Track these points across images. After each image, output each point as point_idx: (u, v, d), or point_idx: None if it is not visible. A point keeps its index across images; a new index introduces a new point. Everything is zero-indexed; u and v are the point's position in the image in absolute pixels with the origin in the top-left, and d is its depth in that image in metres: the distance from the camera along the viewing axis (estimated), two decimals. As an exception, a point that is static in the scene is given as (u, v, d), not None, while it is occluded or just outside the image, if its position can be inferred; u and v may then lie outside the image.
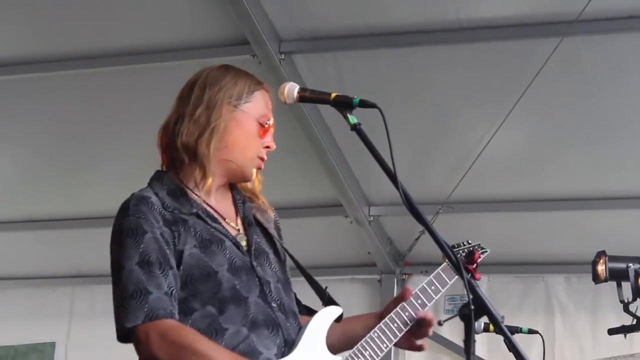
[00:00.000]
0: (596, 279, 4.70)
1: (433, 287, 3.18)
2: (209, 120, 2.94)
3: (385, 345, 3.02)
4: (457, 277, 3.19)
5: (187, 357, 2.71)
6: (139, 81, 5.86)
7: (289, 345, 2.90)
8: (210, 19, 5.51)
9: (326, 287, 3.12)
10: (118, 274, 2.82)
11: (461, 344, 2.67)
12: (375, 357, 3.00)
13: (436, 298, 3.17)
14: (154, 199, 2.89)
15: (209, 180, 2.94)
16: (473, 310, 2.60)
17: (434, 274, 3.21)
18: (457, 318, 2.68)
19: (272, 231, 3.11)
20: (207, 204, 2.97)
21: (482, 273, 7.42)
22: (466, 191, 6.39)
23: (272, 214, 3.16)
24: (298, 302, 3.13)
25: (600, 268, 4.68)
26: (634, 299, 4.62)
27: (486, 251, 3.46)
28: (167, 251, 2.82)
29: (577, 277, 6.91)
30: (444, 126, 6.17)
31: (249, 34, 5.43)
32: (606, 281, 4.69)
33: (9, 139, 6.64)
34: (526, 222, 6.78)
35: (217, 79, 3.01)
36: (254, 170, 3.03)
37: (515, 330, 5.28)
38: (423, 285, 3.13)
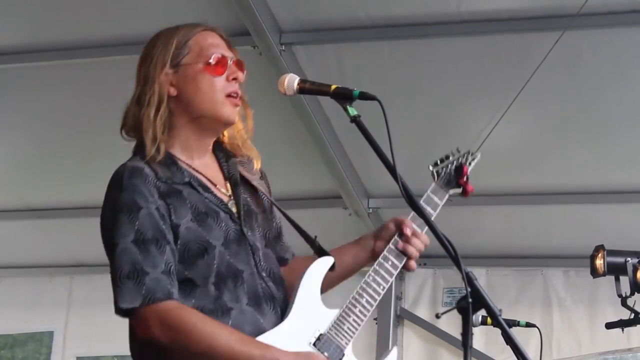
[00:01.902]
0: (594, 273, 4.71)
1: (426, 212, 3.11)
2: (146, 94, 2.90)
3: (381, 287, 3.02)
4: (447, 195, 3.18)
5: (188, 340, 2.65)
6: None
7: (284, 316, 2.88)
8: (211, 9, 5.50)
9: (315, 237, 3.13)
10: (112, 251, 2.75)
11: (459, 336, 2.67)
12: (372, 301, 3.00)
13: (432, 218, 3.05)
14: (147, 169, 2.82)
15: (158, 147, 2.85)
16: (471, 303, 2.60)
17: (423, 197, 3.11)
18: (455, 311, 2.69)
19: (257, 184, 3.05)
20: (197, 171, 2.91)
21: (481, 266, 7.48)
22: (465, 184, 6.38)
23: (257, 165, 3.08)
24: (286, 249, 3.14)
25: (599, 262, 4.68)
26: (632, 293, 4.63)
27: (475, 157, 3.37)
28: (164, 226, 2.75)
29: (576, 271, 6.91)
30: (443, 119, 6.16)
31: (250, 25, 5.42)
32: (604, 275, 4.70)
33: (8, 128, 6.64)
34: (525, 215, 6.78)
35: (149, 51, 2.97)
36: (230, 110, 2.93)
37: (513, 323, 5.28)
38: (413, 213, 3.04)
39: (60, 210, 7.30)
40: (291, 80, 2.91)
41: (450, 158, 3.29)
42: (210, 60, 2.92)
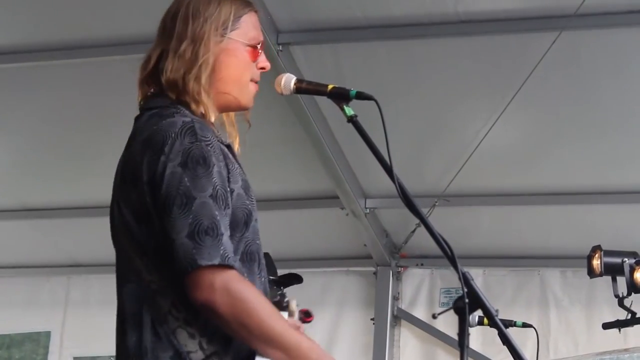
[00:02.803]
0: (591, 273, 4.72)
1: None
2: (197, 55, 2.78)
3: None
4: None
5: (248, 317, 2.53)
6: (135, 70, 5.85)
7: None
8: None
9: (282, 288, 3.01)
10: (186, 203, 2.55)
11: (456, 337, 2.67)
12: None
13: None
14: (210, 127, 2.73)
15: (211, 115, 2.77)
16: (467, 304, 2.60)
17: None
18: (452, 311, 2.68)
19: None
20: None
21: (478, 266, 7.50)
22: (463, 184, 6.39)
23: (236, 146, 2.95)
24: None
25: (596, 262, 4.69)
26: (629, 294, 4.64)
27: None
28: (227, 190, 2.64)
29: (573, 271, 6.91)
30: (441, 119, 6.17)
31: (247, 25, 5.41)
32: (601, 276, 4.70)
33: (5, 128, 6.64)
34: (522, 215, 6.78)
35: (200, 9, 2.84)
36: (251, 97, 2.89)
37: (510, 324, 5.28)
38: None
39: (58, 210, 7.29)
40: (288, 80, 2.91)
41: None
42: (257, 45, 2.90)
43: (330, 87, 2.85)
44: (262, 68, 2.92)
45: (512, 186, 6.59)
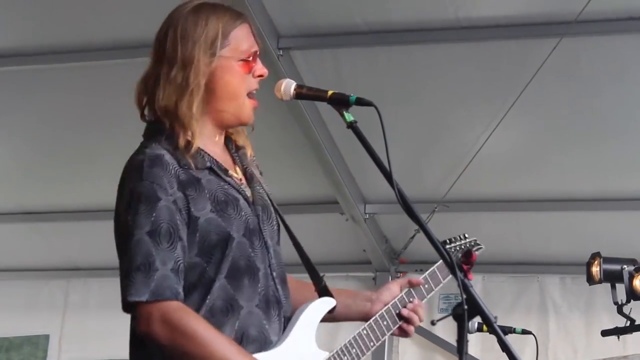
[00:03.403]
0: (590, 280, 4.71)
1: (427, 286, 3.19)
2: (187, 81, 2.80)
3: (372, 343, 3.02)
4: (450, 276, 3.19)
5: (186, 343, 2.62)
6: (137, 74, 5.84)
7: (286, 322, 2.88)
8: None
9: (323, 275, 3.09)
10: (126, 241, 2.69)
11: (455, 343, 2.67)
12: (361, 354, 2.98)
13: (428, 297, 3.18)
14: (167, 156, 2.76)
15: (196, 142, 2.79)
16: (466, 310, 2.60)
17: (429, 271, 3.21)
18: (451, 317, 2.68)
19: (265, 185, 3.02)
20: (213, 156, 2.87)
21: (477, 272, 7.48)
22: (462, 190, 6.39)
23: (249, 152, 3.02)
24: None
25: (595, 269, 4.69)
26: (628, 301, 4.64)
27: (481, 247, 3.43)
28: (179, 221, 2.70)
29: (572, 278, 6.90)
30: (440, 125, 6.17)
31: (248, 29, 5.42)
32: (600, 282, 4.70)
33: (6, 131, 6.64)
34: (522, 222, 6.78)
35: (188, 30, 2.85)
36: (250, 112, 2.91)
37: (509, 330, 5.28)
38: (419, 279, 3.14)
39: (57, 213, 7.29)
40: (288, 86, 2.91)
41: (459, 242, 3.38)
42: (248, 58, 2.89)
43: (330, 93, 2.85)
44: (260, 76, 2.93)
45: (512, 192, 6.59)
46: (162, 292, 2.64)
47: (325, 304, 2.99)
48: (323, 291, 3.03)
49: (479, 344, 6.35)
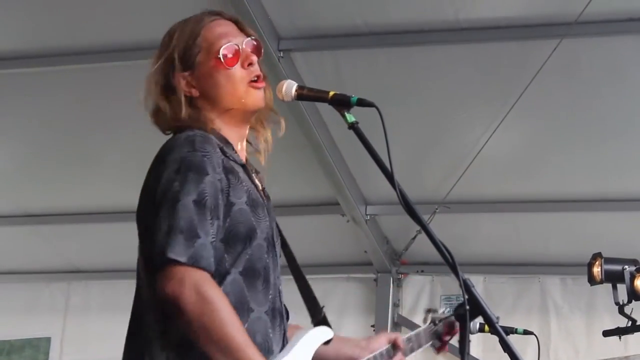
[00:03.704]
0: (592, 280, 4.71)
1: (411, 345, 3.19)
2: (180, 100, 2.85)
3: None
4: (430, 344, 3.26)
5: (213, 319, 2.55)
6: (138, 77, 5.84)
7: (285, 337, 2.85)
8: (209, 16, 5.51)
9: (323, 307, 3.06)
10: (171, 203, 2.63)
11: (456, 344, 2.67)
12: None
13: (411, 355, 3.18)
14: (214, 141, 2.77)
15: (222, 130, 2.86)
16: (468, 311, 2.60)
17: (415, 332, 3.24)
18: (453, 318, 2.68)
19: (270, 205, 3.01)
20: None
21: (478, 273, 7.49)
22: (463, 191, 6.39)
23: (262, 160, 3.06)
24: None
25: (596, 270, 4.69)
26: (629, 301, 4.64)
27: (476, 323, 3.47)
28: (220, 200, 2.69)
29: (573, 279, 6.91)
30: (441, 126, 6.17)
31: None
32: (602, 283, 4.70)
33: (6, 133, 6.64)
34: (522, 223, 6.78)
35: (163, 52, 2.92)
36: (255, 96, 2.91)
37: (510, 331, 5.27)
38: (404, 339, 3.16)
39: (58, 216, 7.29)
40: (289, 87, 2.91)
41: (446, 311, 3.36)
42: (219, 55, 2.88)
43: (331, 94, 2.85)
44: (250, 64, 2.92)
45: (513, 193, 6.59)
46: (200, 259, 2.58)
47: (324, 333, 2.94)
48: (322, 322, 3.00)
49: (481, 344, 6.35)
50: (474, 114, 6.02)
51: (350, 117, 2.80)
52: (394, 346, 3.13)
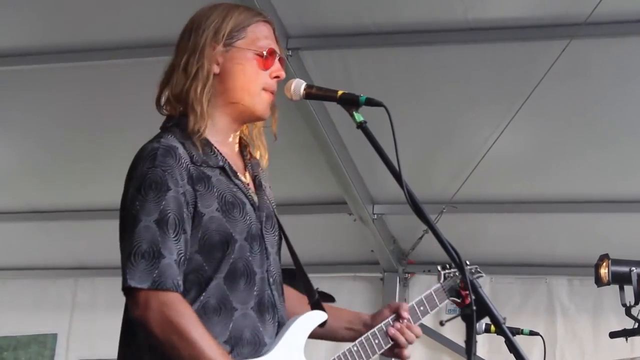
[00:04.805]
0: (599, 282, 4.70)
1: (422, 308, 3.20)
2: (195, 64, 2.86)
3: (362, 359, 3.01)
4: (447, 300, 3.23)
5: (178, 339, 2.61)
6: (144, 74, 5.83)
7: (280, 327, 2.87)
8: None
9: (317, 288, 3.08)
10: (132, 225, 2.69)
11: (462, 344, 2.67)
12: None
13: (422, 319, 3.17)
14: (181, 150, 2.77)
15: (204, 123, 2.82)
16: (475, 311, 2.60)
17: (425, 293, 3.22)
18: (459, 318, 2.68)
19: (271, 195, 3.04)
20: (226, 157, 2.89)
21: (485, 274, 7.48)
22: (470, 191, 6.39)
23: (265, 163, 3.06)
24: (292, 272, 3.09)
25: (603, 271, 4.68)
26: (636, 303, 4.62)
27: (482, 275, 3.44)
28: (185, 214, 2.71)
29: (580, 280, 6.90)
30: (449, 126, 6.17)
31: (257, 30, 5.42)
32: (609, 284, 4.69)
33: (13, 130, 6.65)
34: (530, 223, 6.77)
35: (201, 21, 2.92)
36: (265, 105, 2.93)
37: (517, 331, 5.27)
38: (413, 304, 3.15)
39: (65, 212, 7.30)
40: (298, 86, 2.91)
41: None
42: (264, 53, 2.92)
43: (340, 93, 2.86)
44: (277, 77, 2.95)
45: (520, 194, 6.58)
46: (164, 281, 2.64)
47: (316, 317, 2.96)
48: (315, 305, 3.01)
49: (487, 345, 6.34)
50: (482, 114, 6.02)
51: (359, 117, 2.80)
52: (398, 317, 3.11)
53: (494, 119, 5.94)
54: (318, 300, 3.03)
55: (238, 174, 2.90)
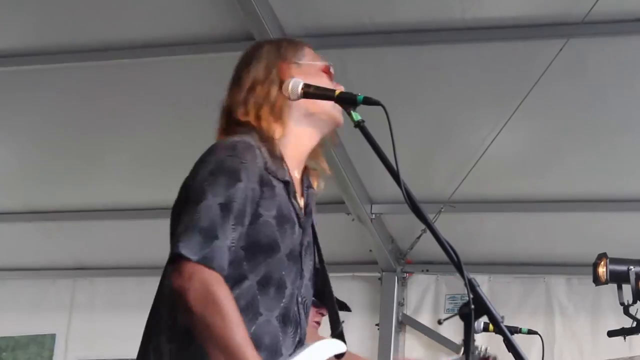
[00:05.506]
0: (597, 281, 4.70)
1: None
2: (267, 80, 2.94)
3: None
4: None
5: (212, 315, 2.57)
6: (142, 75, 5.86)
7: (300, 344, 2.88)
8: (216, 14, 5.51)
9: (343, 321, 3.09)
10: (198, 199, 2.68)
11: (461, 343, 2.67)
12: None
13: None
14: (258, 152, 2.81)
15: (282, 133, 2.92)
16: (473, 310, 2.60)
17: None
18: (457, 317, 2.68)
19: (315, 222, 3.10)
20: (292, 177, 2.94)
21: (483, 273, 7.49)
22: (468, 191, 6.39)
23: (317, 187, 3.14)
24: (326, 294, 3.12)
25: (601, 270, 4.67)
26: (634, 302, 4.62)
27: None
28: (248, 209, 2.73)
29: (578, 279, 6.91)
30: (447, 125, 6.17)
31: (255, 29, 5.43)
32: (607, 283, 4.69)
33: (12, 131, 6.65)
34: (528, 222, 6.78)
35: (257, 54, 3.02)
36: (341, 113, 2.99)
37: (515, 330, 5.28)
38: None
39: (64, 213, 7.30)
40: (295, 85, 2.91)
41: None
42: (328, 63, 3.04)
43: (337, 92, 2.87)
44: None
45: (518, 193, 6.59)
46: (212, 260, 2.62)
47: (337, 345, 2.96)
48: (338, 337, 3.02)
49: (485, 344, 6.34)
50: (480, 114, 6.02)
51: (356, 116, 2.80)
52: None
53: (492, 118, 5.94)
54: (341, 332, 3.03)
55: (297, 194, 2.96)
